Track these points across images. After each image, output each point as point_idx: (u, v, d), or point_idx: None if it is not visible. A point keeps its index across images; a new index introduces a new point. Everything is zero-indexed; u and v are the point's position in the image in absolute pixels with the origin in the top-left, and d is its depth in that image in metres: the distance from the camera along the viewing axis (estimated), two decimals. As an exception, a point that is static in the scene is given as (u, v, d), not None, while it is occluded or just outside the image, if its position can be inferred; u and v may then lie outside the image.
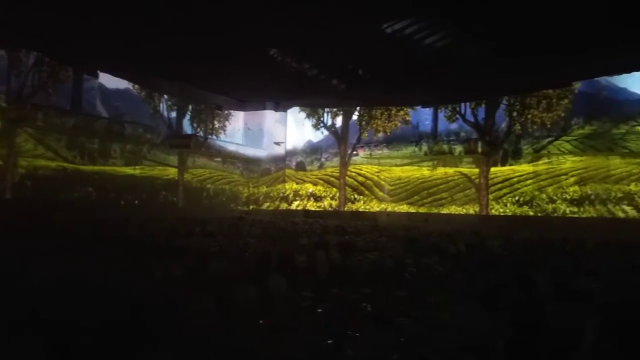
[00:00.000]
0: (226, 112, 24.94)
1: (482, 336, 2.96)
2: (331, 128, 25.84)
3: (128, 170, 22.29)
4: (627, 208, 18.63)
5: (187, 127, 24.28)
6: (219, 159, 25.90)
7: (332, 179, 26.16)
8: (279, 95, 19.39)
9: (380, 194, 24.55)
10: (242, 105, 22.66)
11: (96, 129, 20.48)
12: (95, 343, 2.64)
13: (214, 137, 24.86)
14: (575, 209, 19.62)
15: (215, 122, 24.96)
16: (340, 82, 14.82)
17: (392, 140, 24.71)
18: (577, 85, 19.47)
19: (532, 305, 4.84)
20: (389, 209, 23.73)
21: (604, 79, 19.17)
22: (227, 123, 25.64)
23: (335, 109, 25.26)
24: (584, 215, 19.18)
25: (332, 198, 25.73)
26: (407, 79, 12.85)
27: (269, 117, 26.46)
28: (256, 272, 5.23)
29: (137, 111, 22.77)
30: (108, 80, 20.89)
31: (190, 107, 24.38)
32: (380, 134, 24.58)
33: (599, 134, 19.89)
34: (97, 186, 20.55)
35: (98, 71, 18.21)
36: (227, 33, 11.22)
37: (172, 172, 23.79)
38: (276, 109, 23.37)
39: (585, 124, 20.34)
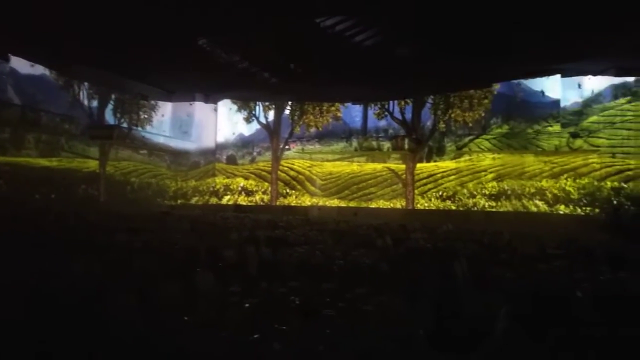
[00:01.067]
0: (152, 102, 23.95)
1: (404, 325, 3.09)
2: (263, 122, 25.65)
3: (44, 162, 20.82)
4: (539, 202, 20.09)
5: (109, 117, 23.05)
6: (144, 152, 24.86)
7: (264, 173, 26.00)
8: (209, 86, 18.93)
9: (312, 188, 24.75)
10: (170, 96, 21.88)
11: (7, 117, 18.91)
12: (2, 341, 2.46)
13: (139, 128, 23.82)
14: (494, 204, 20.87)
15: (141, 113, 23.91)
16: (272, 76, 14.73)
17: (324, 136, 24.98)
18: (497, 87, 20.69)
19: (452, 294, 5.10)
20: (321, 203, 23.99)
21: (521, 82, 20.52)
22: (153, 114, 24.64)
23: (267, 103, 25.09)
24: (501, 209, 20.46)
25: (264, 192, 25.59)
26: (338, 76, 13.02)
27: (199, 109, 25.77)
28: (182, 268, 5.09)
29: (54, 99, 21.28)
30: (21, 65, 19.34)
31: (113, 96, 23.16)
32: (313, 129, 24.75)
33: (515, 133, 21.28)
34: (7, 178, 19.01)
35: (9, 54, 16.80)
36: (153, 20, 10.77)
37: (92, 164, 22.52)
38: (206, 101, 22.80)
39: (503, 123, 21.68)
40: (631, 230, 11.54)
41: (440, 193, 21.93)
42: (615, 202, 18.24)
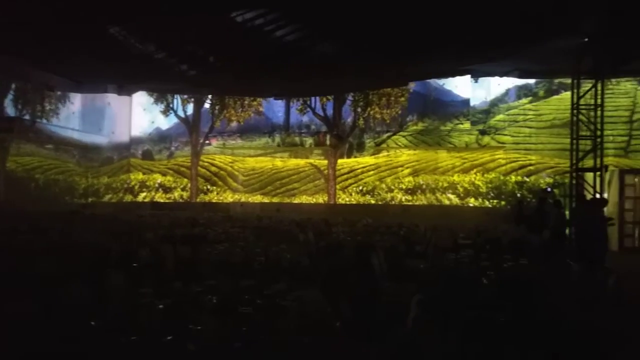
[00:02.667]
0: (59, 93, 22.24)
1: (321, 318, 3.12)
2: (182, 115, 24.78)
3: None
4: (452, 196, 21.24)
5: (9, 108, 21.10)
6: (50, 146, 23.05)
7: (183, 169, 25.14)
8: (122, 77, 17.93)
9: (234, 184, 24.35)
10: (79, 87, 20.45)
11: None
12: None
13: (44, 121, 22.04)
14: (410, 197, 21.76)
15: (46, 104, 22.12)
16: (190, 68, 14.26)
17: (246, 131, 24.62)
18: (412, 86, 21.55)
19: (369, 285, 5.24)
20: (243, 199, 23.67)
21: (434, 81, 21.53)
22: (61, 106, 22.89)
23: (185, 96, 24.24)
24: (417, 203, 21.38)
25: (183, 189, 24.76)
26: (260, 70, 12.89)
27: (111, 101, 24.34)
28: (91, 270, 4.79)
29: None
30: None
31: (13, 85, 21.20)
32: (234, 124, 24.31)
33: (430, 130, 22.30)
34: None
35: None
36: (59, 3, 9.98)
37: (-10, 160, 20.51)
38: (119, 92, 21.58)
39: (418, 121, 22.62)
40: (532, 220, 12.50)
41: (360, 188, 22.48)
42: (518, 194, 19.74)
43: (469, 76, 15.08)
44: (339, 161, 22.69)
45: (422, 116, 22.36)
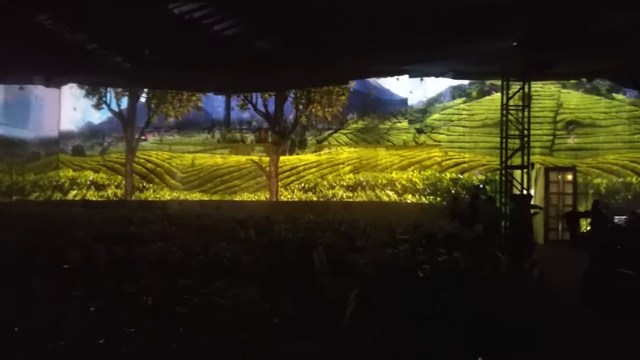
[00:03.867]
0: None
1: (260, 316, 3.10)
2: (115, 109, 23.72)
3: None
4: (390, 193, 21.80)
5: None
6: (-32, 141, 21.33)
7: (117, 165, 24.09)
8: (50, 68, 16.88)
9: (172, 181, 23.65)
10: (2, 77, 19.05)
11: None
12: None
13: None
14: (351, 194, 22.10)
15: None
16: (125, 60, 13.66)
17: (184, 126, 23.95)
18: (353, 84, 21.87)
19: (309, 281, 5.28)
20: (182, 197, 23.06)
21: (374, 80, 21.97)
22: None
23: (119, 89, 23.20)
24: (358, 200, 21.77)
25: (117, 186, 23.73)
26: (198, 65, 12.57)
27: (39, 93, 22.86)
28: (15, 272, 4.49)
29: None
30: None
31: None
32: (172, 119, 23.58)
33: (369, 129, 22.74)
34: None
35: None
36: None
37: None
38: (47, 85, 20.29)
39: (358, 119, 23.00)
40: (465, 215, 13.07)
41: (302, 185, 22.55)
42: (453, 191, 20.58)
43: (407, 76, 15.52)
44: (281, 158, 22.63)
45: (362, 114, 22.75)
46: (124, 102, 23.72)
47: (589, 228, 14.52)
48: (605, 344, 5.17)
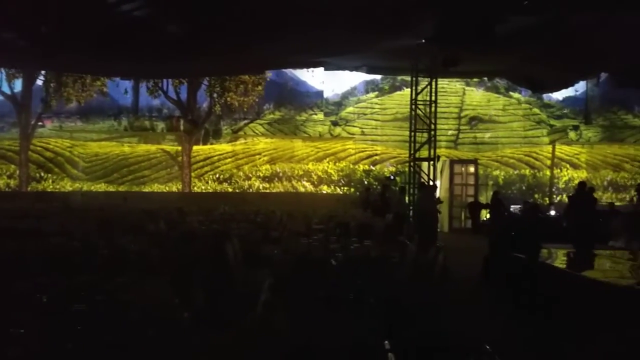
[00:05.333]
0: None
1: (167, 310, 2.98)
2: (7, 92, 21.52)
3: None
4: (306, 184, 22.02)
5: None
6: None
7: (9, 153, 21.95)
8: None
9: (74, 171, 22.02)
10: None
11: None
12: None
13: None
14: (267, 185, 22.02)
15: None
16: (20, 38, 12.39)
17: (88, 113, 22.36)
18: (269, 74, 21.71)
19: (223, 273, 5.17)
20: (85, 188, 21.55)
21: (290, 72, 21.99)
22: None
23: (12, 70, 21.06)
24: (274, 190, 21.74)
25: (9, 177, 21.63)
26: (102, 46, 11.73)
27: None
28: None
29: None
30: None
31: None
32: (73, 104, 21.86)
33: (286, 120, 22.78)
34: None
35: None
36: None
37: None
38: None
39: (275, 109, 22.94)
40: (377, 205, 13.54)
41: (217, 175, 22.07)
42: (366, 182, 21.25)
43: (322, 68, 15.70)
44: (194, 148, 21.93)
45: (278, 105, 22.71)
46: (18, 85, 21.57)
47: (488, 217, 15.68)
48: (501, 320, 5.62)
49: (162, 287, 3.50)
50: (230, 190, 21.71)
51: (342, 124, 22.71)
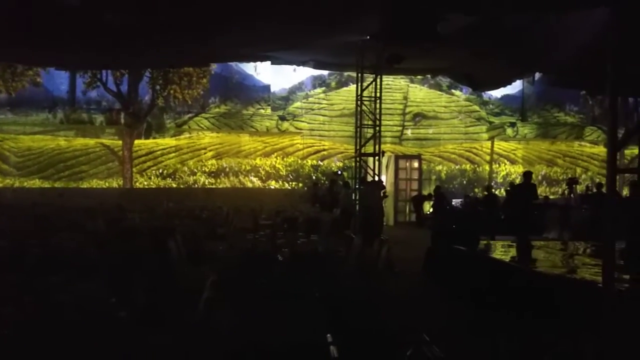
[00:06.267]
0: None
1: (104, 310, 2.86)
2: None
3: None
4: (254, 179, 21.81)
5: None
6: None
7: None
8: None
9: (4, 166, 20.67)
10: None
11: None
12: None
13: None
14: (213, 180, 21.61)
15: None
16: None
17: (19, 104, 21.00)
18: (214, 67, 21.26)
19: (165, 270, 5.04)
20: (17, 184, 20.29)
21: (236, 65, 21.63)
22: None
23: None
24: (221, 186, 21.37)
25: None
26: (34, 34, 11.04)
27: None
28: None
29: None
30: None
31: None
32: (3, 95, 20.48)
33: (232, 114, 22.40)
34: None
35: None
36: None
37: None
38: None
39: (221, 103, 22.50)
40: (325, 200, 13.64)
41: (160, 171, 21.42)
42: (314, 177, 21.33)
43: (269, 62, 15.55)
44: (136, 142, 21.16)
45: (224, 99, 22.30)
46: None
47: (431, 210, 16.17)
48: (442, 310, 5.82)
49: (99, 286, 3.36)
50: (174, 186, 21.16)
51: (290, 118, 22.64)
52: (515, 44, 10.21)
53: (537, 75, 17.91)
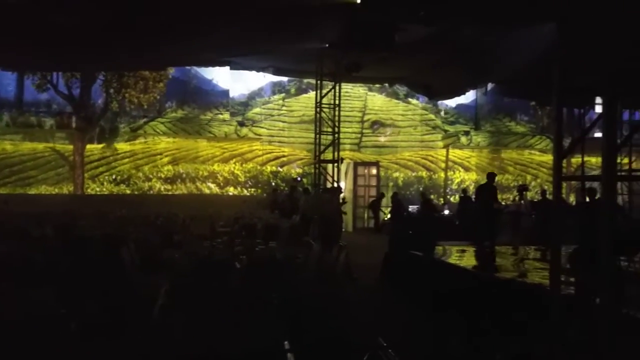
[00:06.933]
0: None
1: (52, 321, 2.73)
2: None
3: None
4: (212, 185, 21.46)
5: None
6: None
7: None
8: None
9: (-57, 172, 19.48)
10: None
11: None
12: None
13: None
14: (169, 187, 21.12)
15: None
16: None
17: (-42, 106, 19.89)
18: (171, 71, 20.85)
19: (118, 279, 4.88)
20: (-43, 190, 19.16)
21: (194, 69, 21.30)
22: None
23: None
24: (177, 193, 20.91)
25: None
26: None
27: None
28: None
29: None
30: None
31: None
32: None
33: (190, 119, 21.99)
34: None
35: None
36: None
37: None
38: None
39: (178, 108, 22.04)
40: (284, 207, 13.61)
41: (114, 177, 20.75)
42: (273, 183, 21.23)
43: (228, 67, 15.43)
44: (88, 147, 20.41)
45: (182, 103, 21.86)
46: None
47: (389, 216, 16.42)
48: (398, 314, 5.91)
49: (48, 297, 3.21)
50: (128, 192, 20.53)
51: (249, 124, 22.47)
52: (470, 55, 10.57)
53: (490, 85, 18.61)
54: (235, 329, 3.01)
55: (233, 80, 21.84)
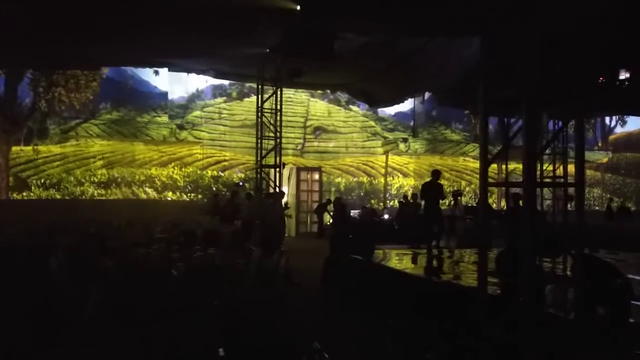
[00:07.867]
0: None
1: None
2: None
3: None
4: (149, 190, 20.78)
5: None
6: None
7: None
8: None
9: None
10: None
11: None
12: None
13: None
14: (103, 192, 20.25)
15: None
16: None
17: None
18: (106, 71, 20.02)
19: (46, 290, 4.63)
20: None
21: (131, 70, 20.58)
22: None
23: None
24: (112, 197, 20.07)
25: None
26: None
27: None
28: None
29: None
30: None
31: None
32: None
33: (126, 121, 21.22)
34: None
35: None
36: None
37: None
38: None
39: (113, 109, 21.20)
40: (226, 212, 13.42)
41: (42, 181, 19.63)
42: (214, 188, 20.86)
43: (167, 69, 15.00)
44: (14, 149, 19.19)
45: (117, 105, 21.06)
46: None
47: (331, 221, 16.60)
48: (336, 317, 5.99)
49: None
50: (58, 197, 19.48)
51: (189, 127, 21.99)
52: (407, 65, 10.94)
53: (427, 94, 19.34)
54: (169, 337, 2.95)
55: (172, 82, 21.32)
